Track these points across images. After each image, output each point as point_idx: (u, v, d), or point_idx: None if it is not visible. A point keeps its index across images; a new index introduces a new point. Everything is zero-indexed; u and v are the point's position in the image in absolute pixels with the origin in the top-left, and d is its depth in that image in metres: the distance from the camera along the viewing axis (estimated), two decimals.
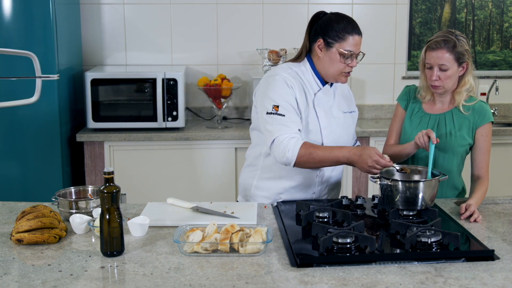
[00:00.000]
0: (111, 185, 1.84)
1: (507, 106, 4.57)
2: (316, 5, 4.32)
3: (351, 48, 2.30)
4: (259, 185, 2.48)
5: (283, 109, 2.29)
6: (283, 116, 2.28)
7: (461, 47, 2.42)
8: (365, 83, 4.46)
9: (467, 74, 2.47)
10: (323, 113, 2.40)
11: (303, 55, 2.42)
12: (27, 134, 3.64)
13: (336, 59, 2.31)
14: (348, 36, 2.30)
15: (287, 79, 2.34)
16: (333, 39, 2.31)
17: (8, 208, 2.33)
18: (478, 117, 2.48)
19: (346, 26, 2.31)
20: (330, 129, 2.40)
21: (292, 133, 2.27)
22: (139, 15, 4.27)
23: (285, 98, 2.31)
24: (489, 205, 2.41)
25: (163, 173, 3.88)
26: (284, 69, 2.39)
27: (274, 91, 2.33)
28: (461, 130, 2.49)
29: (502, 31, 4.52)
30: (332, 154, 2.25)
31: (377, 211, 2.29)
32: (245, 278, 1.69)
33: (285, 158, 2.25)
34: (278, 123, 2.28)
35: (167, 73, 3.83)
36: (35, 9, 3.52)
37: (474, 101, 2.51)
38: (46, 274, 1.72)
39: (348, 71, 2.34)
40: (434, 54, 2.42)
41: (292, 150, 2.24)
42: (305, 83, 2.39)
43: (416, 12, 4.42)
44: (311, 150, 2.24)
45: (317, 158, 2.24)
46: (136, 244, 1.95)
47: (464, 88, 2.48)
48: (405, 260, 1.80)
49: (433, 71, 2.43)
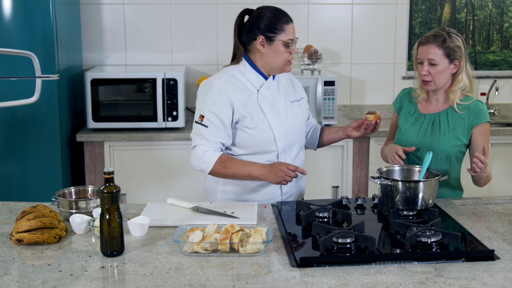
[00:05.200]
0: (111, 185, 1.84)
1: (507, 106, 4.56)
2: (316, 5, 4.32)
3: (291, 36, 2.38)
4: (225, 189, 2.48)
5: (207, 120, 2.36)
6: (205, 128, 2.36)
7: (452, 43, 2.42)
8: (365, 83, 4.46)
9: (460, 72, 2.46)
10: (269, 108, 2.42)
11: (240, 56, 2.44)
12: (27, 134, 3.64)
13: (281, 51, 2.37)
14: (286, 26, 2.36)
15: (222, 87, 2.37)
16: (274, 33, 2.35)
17: (8, 208, 2.33)
18: (474, 116, 2.46)
19: (282, 17, 2.37)
20: (279, 122, 2.42)
21: (210, 146, 2.36)
22: (139, 15, 4.27)
23: (212, 109, 2.35)
24: (489, 205, 2.41)
25: (163, 173, 3.88)
26: (220, 76, 2.42)
27: (204, 101, 2.39)
28: (455, 130, 2.48)
29: (502, 31, 4.52)
30: (245, 169, 2.35)
31: (377, 211, 2.29)
32: (245, 278, 1.69)
33: (200, 169, 2.38)
34: (199, 133, 2.37)
35: (167, 73, 3.83)
36: (35, 9, 3.52)
37: (470, 100, 2.49)
38: (46, 274, 1.72)
39: (291, 58, 2.41)
40: (424, 49, 2.44)
41: (207, 164, 2.35)
42: (245, 84, 2.41)
43: (416, 12, 4.42)
44: (225, 163, 2.35)
45: (231, 172, 2.36)
46: (136, 244, 1.95)
47: (458, 86, 2.47)
48: (405, 260, 1.80)
49: (423, 66, 2.44)
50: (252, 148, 2.41)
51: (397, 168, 2.38)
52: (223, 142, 2.37)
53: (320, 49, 4.21)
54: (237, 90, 2.38)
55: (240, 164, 2.36)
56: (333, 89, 3.92)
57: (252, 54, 2.41)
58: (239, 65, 2.44)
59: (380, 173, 2.29)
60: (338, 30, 4.37)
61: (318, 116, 3.93)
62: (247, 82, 2.41)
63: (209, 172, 2.37)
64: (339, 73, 4.35)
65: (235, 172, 2.35)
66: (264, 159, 2.41)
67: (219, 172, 2.37)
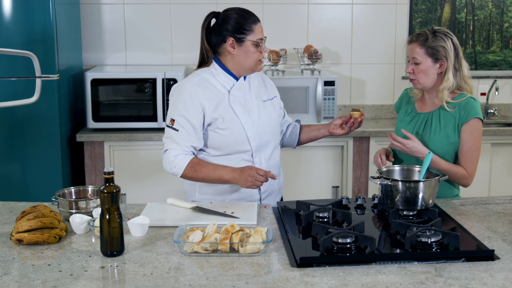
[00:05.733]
0: (111, 185, 1.84)
1: (507, 106, 4.56)
2: (316, 5, 4.32)
3: (260, 35, 2.39)
4: (203, 189, 2.48)
5: (178, 124, 2.37)
6: (176, 132, 2.37)
7: (435, 43, 2.41)
8: (365, 83, 4.46)
9: (447, 72, 2.43)
10: (241, 108, 2.42)
11: (210, 59, 2.45)
12: (27, 134, 3.64)
13: (251, 51, 2.38)
14: (255, 26, 2.38)
15: (192, 91, 2.38)
16: (243, 34, 2.37)
17: (8, 208, 2.33)
18: (464, 113, 2.42)
19: (249, 18, 2.39)
20: (251, 122, 2.43)
21: (181, 150, 2.37)
22: (139, 15, 4.27)
23: (183, 113, 2.36)
24: (489, 205, 2.41)
25: (163, 173, 3.86)
26: (190, 79, 2.43)
27: (174, 105, 2.40)
28: (446, 128, 2.46)
29: (502, 31, 4.52)
30: (216, 173, 2.35)
31: (377, 211, 2.29)
32: (245, 278, 1.69)
33: (172, 172, 2.40)
34: (170, 137, 2.39)
35: (167, 73, 3.83)
36: (35, 9, 3.52)
37: (463, 97, 2.44)
38: (46, 274, 1.72)
39: (261, 58, 2.43)
40: (409, 47, 2.49)
41: (178, 168, 2.37)
42: (216, 86, 2.42)
43: (416, 12, 4.42)
44: (196, 167, 2.35)
45: (201, 176, 2.36)
46: (136, 244, 1.95)
47: (444, 86, 2.43)
48: (405, 260, 1.80)
49: (409, 64, 2.49)
50: (226, 149, 2.41)
51: (397, 168, 2.38)
52: (194, 145, 2.39)
53: (320, 49, 4.21)
54: (207, 92, 2.39)
55: (211, 168, 2.36)
56: (333, 89, 3.92)
57: (223, 56, 2.42)
58: (209, 68, 2.45)
59: (380, 173, 2.29)
60: (338, 30, 4.37)
61: (318, 116, 3.93)
62: (218, 84, 2.42)
63: (181, 175, 2.39)
64: (339, 73, 4.35)
65: (206, 176, 2.36)
66: (238, 159, 2.42)
67: (190, 176, 2.38)
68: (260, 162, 2.45)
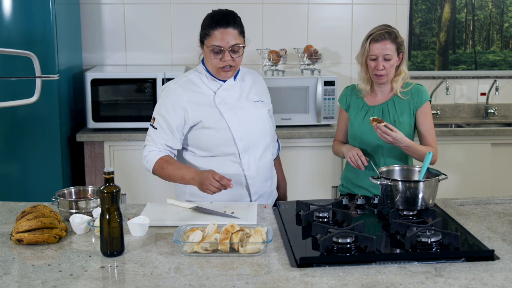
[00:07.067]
0: (111, 185, 1.85)
1: (507, 106, 4.56)
2: (316, 5, 4.32)
3: (217, 42, 2.32)
4: (192, 191, 2.46)
5: (157, 123, 2.42)
6: (155, 129, 2.43)
7: (399, 39, 2.64)
8: None
9: (402, 63, 2.67)
10: (227, 109, 2.42)
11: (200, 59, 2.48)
12: (27, 134, 3.63)
13: (209, 56, 2.36)
14: (212, 31, 2.34)
15: (175, 91, 2.40)
16: (203, 37, 2.38)
17: (8, 208, 2.33)
18: (417, 98, 2.64)
19: (212, 22, 2.35)
20: (238, 122, 2.42)
21: (155, 147, 2.41)
22: (139, 15, 4.26)
23: (162, 112, 2.40)
24: (489, 205, 2.41)
25: None
26: (176, 80, 2.46)
27: (158, 104, 2.46)
28: (403, 115, 2.65)
29: (502, 31, 4.52)
30: (179, 172, 2.35)
31: (377, 211, 2.29)
32: (245, 278, 1.69)
33: (145, 167, 2.44)
34: (149, 134, 2.45)
35: (167, 73, 3.83)
36: (35, 9, 3.52)
37: (410, 85, 2.67)
38: (46, 274, 1.72)
39: (222, 65, 2.35)
40: (379, 46, 2.59)
41: (149, 163, 2.41)
42: (201, 86, 2.42)
43: (416, 12, 4.42)
44: (163, 165, 2.37)
45: (166, 173, 2.38)
46: (136, 244, 1.95)
47: (401, 77, 2.65)
48: (405, 260, 1.80)
49: (379, 62, 2.59)
50: (213, 149, 2.41)
51: (397, 168, 2.38)
52: (169, 144, 2.40)
53: (320, 49, 4.21)
54: (191, 94, 2.40)
55: (176, 167, 2.36)
56: (333, 89, 3.92)
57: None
58: (197, 68, 2.47)
59: (380, 173, 2.29)
60: (338, 30, 4.37)
61: (318, 116, 3.92)
62: (203, 85, 2.43)
63: (151, 171, 2.40)
64: (339, 73, 4.35)
65: (170, 174, 2.36)
66: (226, 160, 2.42)
67: (158, 173, 2.40)
68: (249, 163, 2.44)
